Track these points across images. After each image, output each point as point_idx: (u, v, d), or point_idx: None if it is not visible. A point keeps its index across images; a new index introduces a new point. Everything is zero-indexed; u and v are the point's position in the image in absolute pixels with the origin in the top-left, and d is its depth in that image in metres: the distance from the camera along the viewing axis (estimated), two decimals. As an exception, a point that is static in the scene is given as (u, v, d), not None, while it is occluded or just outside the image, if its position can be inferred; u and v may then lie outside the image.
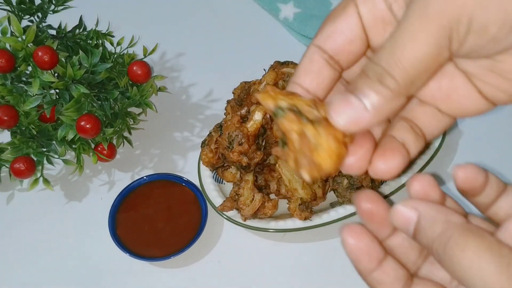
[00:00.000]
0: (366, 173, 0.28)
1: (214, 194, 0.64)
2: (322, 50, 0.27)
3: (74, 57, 0.64)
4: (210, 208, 0.64)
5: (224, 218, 0.62)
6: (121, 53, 0.70)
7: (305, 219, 0.60)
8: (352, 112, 0.25)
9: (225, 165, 0.65)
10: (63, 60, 0.64)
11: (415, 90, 0.25)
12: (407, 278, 0.29)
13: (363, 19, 0.27)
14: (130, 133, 0.73)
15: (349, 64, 0.28)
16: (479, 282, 0.23)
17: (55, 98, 0.64)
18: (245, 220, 0.61)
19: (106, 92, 0.67)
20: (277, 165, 0.61)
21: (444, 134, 0.65)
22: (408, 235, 0.27)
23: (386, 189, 0.62)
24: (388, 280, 0.29)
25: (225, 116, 0.66)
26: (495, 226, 0.29)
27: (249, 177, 0.61)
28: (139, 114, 0.74)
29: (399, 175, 0.63)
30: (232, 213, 0.62)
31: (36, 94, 0.62)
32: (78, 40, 0.70)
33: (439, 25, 0.23)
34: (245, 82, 0.66)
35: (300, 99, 0.26)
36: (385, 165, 0.27)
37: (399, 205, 0.27)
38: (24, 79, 0.66)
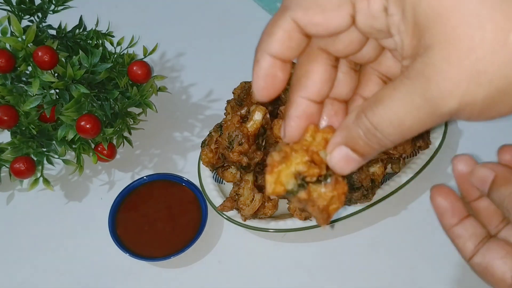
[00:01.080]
0: (366, 173, 0.29)
1: (214, 194, 0.64)
2: (297, 24, 0.27)
3: (74, 57, 0.64)
4: (210, 208, 0.64)
5: (224, 218, 0.62)
6: (121, 53, 0.70)
7: (305, 219, 0.60)
8: (350, 166, 0.28)
9: (225, 165, 0.65)
10: (63, 60, 0.64)
11: None
12: (484, 236, 0.33)
13: None
14: (130, 133, 0.73)
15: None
16: None
17: (55, 98, 0.64)
18: (245, 220, 0.61)
19: (106, 92, 0.67)
20: (277, 165, 0.61)
21: (444, 134, 0.65)
22: (484, 192, 0.32)
23: (386, 189, 0.61)
24: (466, 235, 0.33)
25: (225, 116, 0.66)
26: None
27: (249, 177, 0.61)
28: (139, 114, 0.74)
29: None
30: (232, 213, 0.62)
31: (36, 94, 0.62)
32: (78, 40, 0.70)
33: (439, 113, 0.24)
34: (245, 82, 0.66)
35: (299, 154, 0.29)
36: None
37: (478, 166, 0.33)
38: (24, 79, 0.66)
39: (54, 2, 0.69)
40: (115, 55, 0.70)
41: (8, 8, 0.67)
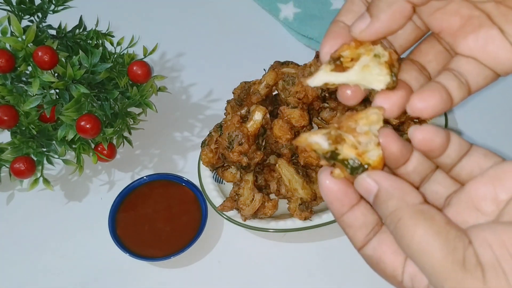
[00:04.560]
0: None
1: (214, 194, 0.64)
2: None
3: (74, 57, 0.64)
4: (210, 208, 0.64)
5: (224, 218, 0.62)
6: (121, 53, 0.70)
7: (305, 219, 0.60)
8: (364, 25, 0.29)
9: (225, 165, 0.65)
10: (63, 60, 0.64)
11: None
12: (376, 223, 0.30)
13: None
14: (130, 133, 0.73)
15: None
16: (427, 265, 0.25)
17: (55, 98, 0.64)
18: (245, 220, 0.61)
19: (106, 92, 0.67)
20: (277, 165, 0.61)
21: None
22: (370, 202, 0.29)
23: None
24: (356, 224, 0.30)
25: (225, 116, 0.66)
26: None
27: (249, 177, 0.61)
28: (139, 114, 0.74)
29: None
30: (232, 213, 0.62)
31: (36, 94, 0.62)
32: (78, 40, 0.70)
33: None
34: (245, 82, 0.66)
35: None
36: (422, 103, 0.29)
37: (364, 175, 0.29)
38: (24, 79, 0.66)
39: (54, 2, 0.69)
40: (115, 55, 0.70)
41: (8, 8, 0.67)
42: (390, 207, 0.27)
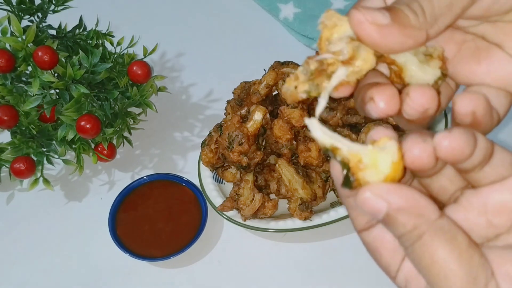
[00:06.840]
0: None
1: (214, 194, 0.64)
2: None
3: (74, 57, 0.64)
4: (210, 208, 0.64)
5: (224, 218, 0.62)
6: (121, 53, 0.70)
7: (305, 219, 0.60)
8: (375, 17, 0.25)
9: (225, 165, 0.65)
10: (63, 60, 0.64)
11: (436, 30, 0.26)
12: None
13: None
14: (130, 133, 0.73)
15: None
16: None
17: (55, 98, 0.64)
18: (245, 220, 0.61)
19: (106, 92, 0.67)
20: (277, 165, 0.61)
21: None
22: (378, 221, 0.26)
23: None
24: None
25: (225, 116, 0.66)
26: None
27: (249, 177, 0.61)
28: (139, 114, 0.74)
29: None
30: (232, 213, 0.62)
31: (36, 94, 0.62)
32: (78, 40, 0.70)
33: None
34: (245, 82, 0.66)
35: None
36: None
37: (367, 193, 0.24)
38: (24, 79, 0.66)
39: (54, 2, 0.69)
40: (115, 55, 0.70)
41: (8, 8, 0.67)
42: (407, 226, 0.24)
